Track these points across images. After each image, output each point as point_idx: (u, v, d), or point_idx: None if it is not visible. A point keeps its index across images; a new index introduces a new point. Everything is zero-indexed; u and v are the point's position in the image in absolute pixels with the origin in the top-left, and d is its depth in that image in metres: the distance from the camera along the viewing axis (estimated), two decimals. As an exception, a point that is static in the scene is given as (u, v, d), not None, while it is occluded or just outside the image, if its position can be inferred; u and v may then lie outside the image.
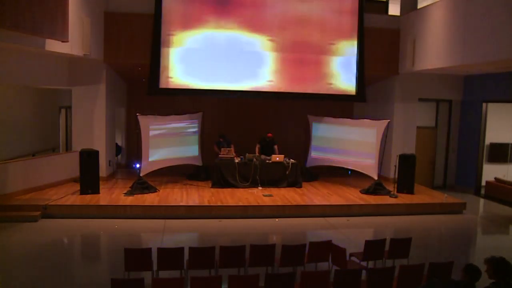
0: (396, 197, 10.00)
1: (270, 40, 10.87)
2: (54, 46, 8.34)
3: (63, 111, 13.06)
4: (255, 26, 10.77)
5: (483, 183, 11.89)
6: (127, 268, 5.22)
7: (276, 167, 10.86)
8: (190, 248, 5.43)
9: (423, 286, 4.40)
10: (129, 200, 9.11)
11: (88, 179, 9.40)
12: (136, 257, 5.29)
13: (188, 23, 10.52)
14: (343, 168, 11.65)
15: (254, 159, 10.76)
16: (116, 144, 12.57)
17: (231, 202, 9.28)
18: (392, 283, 4.90)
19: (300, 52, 11.03)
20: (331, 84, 11.32)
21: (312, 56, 11.12)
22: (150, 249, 5.33)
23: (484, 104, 11.78)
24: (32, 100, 12.31)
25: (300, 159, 11.62)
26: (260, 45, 10.85)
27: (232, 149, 11.17)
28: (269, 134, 11.64)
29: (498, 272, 3.71)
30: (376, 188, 10.33)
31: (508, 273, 3.69)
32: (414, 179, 10.49)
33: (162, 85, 10.52)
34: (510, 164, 12.32)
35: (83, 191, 9.38)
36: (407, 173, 10.39)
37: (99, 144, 10.59)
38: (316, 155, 11.97)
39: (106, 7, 10.44)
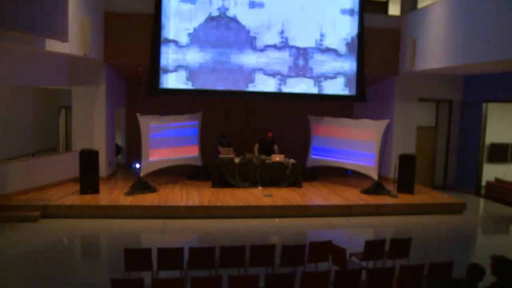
0: (396, 197, 10.00)
1: (270, 39, 10.88)
2: (54, 46, 8.34)
3: (63, 111, 13.06)
4: (255, 26, 10.77)
5: (483, 183, 11.88)
6: (127, 268, 5.21)
7: (276, 167, 10.86)
8: (190, 248, 5.42)
9: (423, 285, 4.40)
10: (129, 200, 9.11)
11: (88, 179, 9.40)
12: (136, 257, 5.28)
13: (188, 23, 10.53)
14: (343, 168, 11.65)
15: (254, 159, 10.76)
16: (116, 144, 12.57)
17: (231, 202, 9.28)
18: (392, 283, 4.90)
19: (300, 52, 11.03)
20: (331, 83, 11.34)
21: (312, 56, 11.12)
22: (150, 249, 5.33)
23: (484, 104, 11.77)
24: (32, 100, 12.31)
25: (300, 159, 11.61)
26: (261, 45, 10.86)
27: (232, 149, 11.22)
28: (269, 134, 11.64)
29: (498, 271, 3.70)
30: (376, 188, 10.33)
31: (509, 272, 3.68)
32: (414, 179, 10.49)
33: (162, 85, 10.52)
34: (510, 164, 12.32)
35: (83, 191, 9.38)
36: (407, 173, 10.39)
37: (99, 144, 10.59)
38: (316, 155, 11.97)
39: (106, 7, 10.44)
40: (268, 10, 10.82)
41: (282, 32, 10.92)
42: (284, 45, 10.96)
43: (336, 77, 11.34)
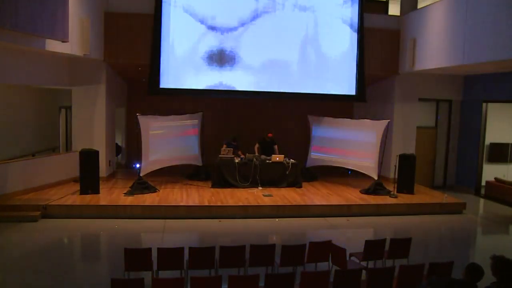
0: (396, 197, 10.00)
1: (271, 40, 10.89)
2: (54, 46, 8.35)
3: (63, 111, 13.06)
4: (256, 26, 10.78)
5: (483, 183, 11.88)
6: (127, 268, 5.21)
7: (276, 167, 10.86)
8: (190, 248, 5.42)
9: (423, 285, 4.40)
10: (129, 200, 9.11)
11: (88, 179, 9.40)
12: (136, 257, 5.29)
13: (188, 23, 10.53)
14: (343, 168, 11.65)
15: (254, 159, 10.76)
16: (116, 144, 12.57)
17: (231, 202, 9.28)
18: (392, 283, 4.90)
19: (300, 52, 11.04)
20: (331, 84, 11.35)
21: (312, 56, 11.13)
22: (150, 249, 5.33)
23: (484, 104, 11.77)
24: (32, 100, 12.31)
25: (300, 159, 11.62)
26: (261, 45, 10.87)
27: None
28: (270, 134, 11.64)
29: (498, 271, 3.71)
30: (376, 188, 10.33)
31: (508, 272, 3.68)
32: (414, 179, 10.49)
33: (162, 85, 10.52)
34: (510, 164, 12.32)
35: (83, 191, 9.38)
36: (407, 173, 10.39)
37: (99, 144, 10.59)
38: (316, 155, 11.97)
39: (106, 7, 10.43)
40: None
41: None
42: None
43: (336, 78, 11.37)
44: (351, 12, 11.26)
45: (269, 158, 11.01)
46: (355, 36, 11.29)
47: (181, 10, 10.49)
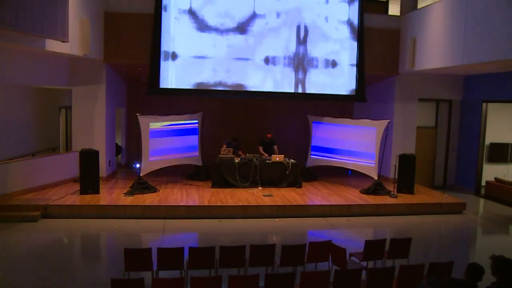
0: (396, 197, 10.00)
1: (271, 39, 10.89)
2: (54, 46, 8.35)
3: (63, 111, 13.06)
4: (256, 25, 10.78)
5: (483, 183, 11.88)
6: (127, 268, 5.22)
7: (276, 167, 10.86)
8: (190, 248, 5.43)
9: (423, 285, 4.40)
10: (129, 200, 9.11)
11: (88, 179, 9.40)
12: (136, 257, 5.29)
13: (188, 22, 10.53)
14: (343, 168, 11.65)
15: (254, 159, 10.76)
16: (116, 144, 12.57)
17: (231, 202, 9.28)
18: (392, 283, 4.90)
19: (300, 52, 11.04)
20: (331, 84, 11.35)
21: (312, 56, 11.12)
22: (150, 249, 5.33)
23: (484, 104, 11.77)
24: (32, 100, 12.31)
25: (300, 159, 11.62)
26: (261, 45, 10.86)
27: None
28: (269, 135, 11.65)
29: (498, 271, 3.71)
30: (376, 188, 10.33)
31: (508, 272, 3.68)
32: (414, 179, 10.49)
33: (162, 85, 10.52)
34: (510, 164, 12.32)
35: (83, 191, 9.38)
36: (407, 173, 10.39)
37: (99, 144, 10.59)
38: (316, 155, 11.97)
39: (106, 7, 10.43)
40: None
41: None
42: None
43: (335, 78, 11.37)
44: (351, 12, 11.26)
45: (269, 158, 11.01)
46: (355, 36, 11.27)
47: (182, 10, 10.47)
